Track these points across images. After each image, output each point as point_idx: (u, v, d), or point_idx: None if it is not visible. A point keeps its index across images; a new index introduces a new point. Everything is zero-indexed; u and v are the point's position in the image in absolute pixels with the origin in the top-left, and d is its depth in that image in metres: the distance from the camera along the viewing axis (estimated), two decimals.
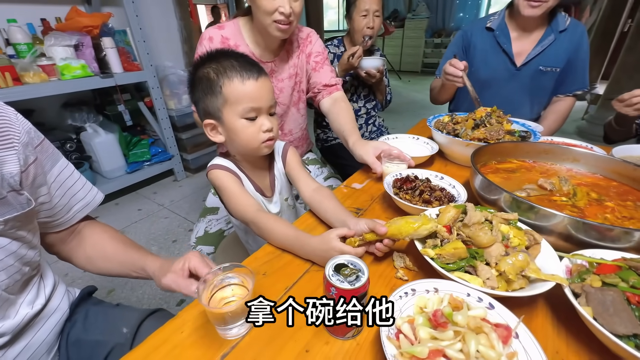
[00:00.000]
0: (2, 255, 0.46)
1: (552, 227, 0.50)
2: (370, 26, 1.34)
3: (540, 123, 1.28)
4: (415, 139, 1.00)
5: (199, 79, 0.63)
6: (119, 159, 2.17)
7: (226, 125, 0.64)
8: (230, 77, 0.60)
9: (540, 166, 0.76)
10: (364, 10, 1.32)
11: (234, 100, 0.61)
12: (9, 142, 0.46)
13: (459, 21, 6.52)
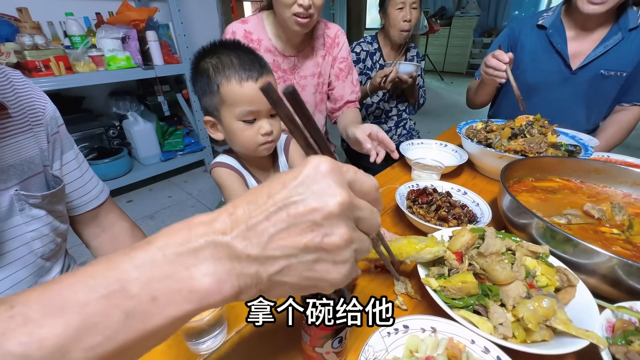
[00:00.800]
0: (38, 225, 0.50)
1: (595, 267, 0.41)
2: (408, 19, 1.25)
3: (598, 135, 1.12)
4: (443, 145, 0.91)
5: (200, 73, 0.59)
6: (154, 147, 2.28)
7: (225, 125, 0.61)
8: (228, 77, 0.56)
9: (590, 188, 0.64)
10: (400, 3, 1.24)
11: (231, 102, 0.57)
12: (38, 118, 0.50)
13: (514, 20, 6.02)
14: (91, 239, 0.64)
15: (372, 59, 1.38)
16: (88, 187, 0.61)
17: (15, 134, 0.48)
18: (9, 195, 0.46)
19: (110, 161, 2.00)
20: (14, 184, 0.47)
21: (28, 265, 0.50)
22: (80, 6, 2.01)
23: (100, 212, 0.64)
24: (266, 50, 0.99)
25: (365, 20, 5.24)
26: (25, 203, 0.48)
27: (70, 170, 0.58)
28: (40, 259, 0.52)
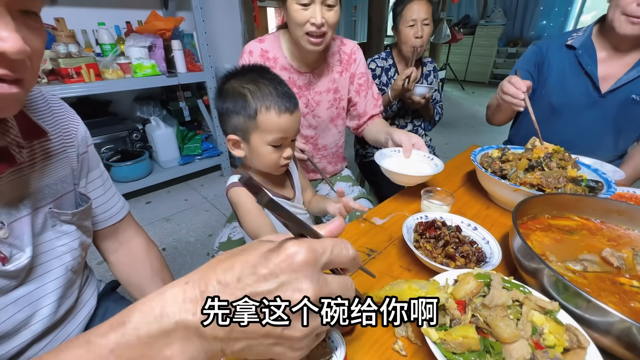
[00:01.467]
0: (68, 240, 0.54)
1: (609, 327, 0.39)
2: (419, 35, 1.25)
3: (626, 163, 1.06)
4: (422, 155, 0.87)
5: (233, 94, 0.63)
6: (174, 151, 2.36)
7: (251, 146, 0.65)
8: (268, 107, 0.61)
9: (610, 230, 0.61)
10: (410, 20, 1.24)
11: (266, 129, 0.62)
12: (71, 139, 0.54)
13: (541, 29, 5.83)
14: (110, 253, 0.67)
15: (387, 74, 1.38)
16: (110, 204, 0.64)
17: (51, 155, 0.51)
18: (44, 213, 0.50)
19: (133, 164, 2.09)
20: (48, 202, 0.51)
21: (59, 277, 0.53)
22: (112, 14, 2.12)
23: (120, 228, 0.67)
24: (282, 68, 1.00)
25: (386, 28, 5.22)
26: (57, 220, 0.52)
27: (95, 187, 0.61)
28: (70, 272, 0.55)
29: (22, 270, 0.47)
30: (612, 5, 0.90)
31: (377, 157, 0.82)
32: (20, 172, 0.46)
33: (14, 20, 0.31)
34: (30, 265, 0.48)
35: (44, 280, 0.51)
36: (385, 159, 0.85)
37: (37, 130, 0.48)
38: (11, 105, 0.36)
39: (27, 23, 0.33)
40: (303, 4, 0.81)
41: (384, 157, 0.85)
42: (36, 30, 0.35)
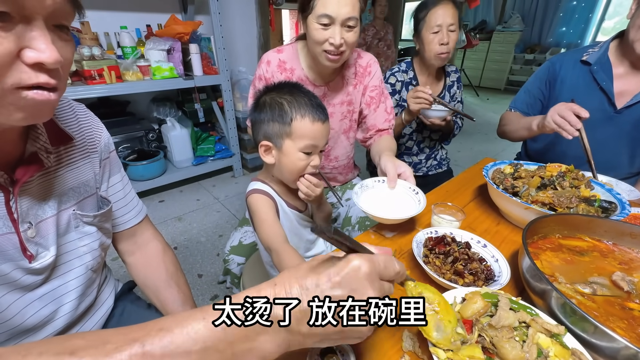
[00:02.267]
0: (90, 240, 0.57)
1: (615, 355, 0.39)
2: (445, 42, 1.15)
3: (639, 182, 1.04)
4: (409, 188, 0.80)
5: (271, 103, 0.68)
6: (188, 152, 2.41)
7: (283, 152, 0.69)
8: (303, 115, 0.66)
9: (622, 253, 0.60)
10: (435, 26, 1.14)
11: (300, 135, 0.66)
12: (95, 146, 0.58)
13: (560, 36, 5.70)
14: (127, 255, 0.71)
15: (407, 89, 1.31)
16: (129, 207, 0.68)
17: (76, 160, 0.55)
18: (68, 214, 0.54)
19: (148, 163, 2.15)
20: (72, 205, 0.54)
21: (80, 276, 0.57)
22: (133, 18, 2.19)
23: (137, 230, 0.70)
24: (298, 79, 1.02)
25: (401, 32, 5.21)
26: (80, 221, 0.55)
27: (115, 191, 0.65)
28: (90, 271, 0.58)
29: (46, 268, 0.51)
30: (634, 25, 0.89)
31: (357, 190, 0.77)
32: (47, 175, 0.50)
33: (50, 34, 0.34)
34: (54, 263, 0.52)
35: (66, 278, 0.55)
36: (365, 191, 0.80)
37: (64, 137, 0.52)
38: (47, 111, 0.39)
39: (60, 35, 0.37)
40: (324, 24, 0.82)
41: (364, 189, 0.80)
42: (67, 41, 0.38)
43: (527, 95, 1.20)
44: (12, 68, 0.33)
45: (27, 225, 0.47)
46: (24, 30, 0.33)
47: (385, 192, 0.81)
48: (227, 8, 2.48)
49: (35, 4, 0.32)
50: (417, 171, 1.45)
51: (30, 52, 0.33)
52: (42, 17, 0.33)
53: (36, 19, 0.33)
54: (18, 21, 0.32)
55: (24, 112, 0.36)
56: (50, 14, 0.34)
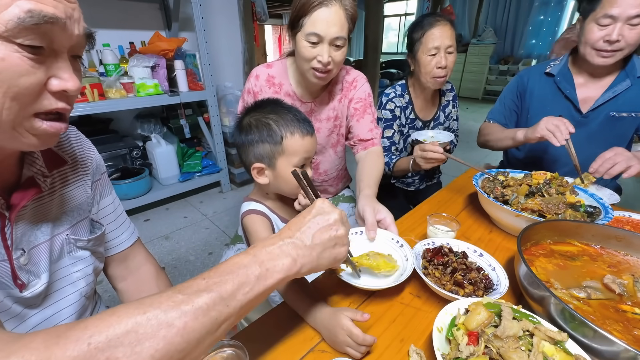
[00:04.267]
0: (83, 265, 0.55)
1: (615, 358, 0.41)
2: (442, 65, 1.08)
3: None
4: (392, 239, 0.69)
5: (257, 124, 0.67)
6: (174, 168, 2.37)
7: (277, 171, 0.68)
8: (293, 132, 0.66)
9: (610, 255, 0.63)
10: (433, 49, 1.07)
11: (292, 152, 0.67)
12: (87, 168, 0.56)
13: (530, 48, 6.05)
14: (118, 281, 0.67)
15: (404, 113, 1.25)
16: (121, 229, 0.65)
17: (70, 183, 0.53)
18: (61, 239, 0.52)
19: (132, 181, 2.09)
20: (65, 229, 0.52)
21: (73, 303, 0.54)
22: (116, 35, 2.17)
23: (130, 254, 0.68)
24: (286, 94, 1.04)
25: (381, 46, 5.37)
26: (73, 246, 0.53)
27: (107, 213, 0.62)
28: (84, 298, 0.56)
29: (37, 297, 0.48)
30: (582, 41, 0.98)
31: None
32: (41, 200, 0.48)
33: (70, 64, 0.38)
34: (46, 291, 0.49)
35: (59, 306, 0.52)
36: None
37: (58, 160, 0.51)
38: (56, 138, 0.42)
39: (74, 65, 0.39)
40: (312, 42, 0.84)
41: None
42: (79, 71, 0.41)
43: (503, 107, 1.27)
44: (39, 96, 0.36)
45: (20, 252, 0.45)
46: (52, 61, 0.36)
47: (365, 245, 0.69)
48: (212, 25, 2.50)
49: (64, 39, 0.36)
50: (408, 187, 1.43)
51: (55, 80, 0.36)
52: (67, 49, 0.37)
53: (62, 51, 0.37)
54: (48, 54, 0.35)
55: (37, 138, 0.38)
56: (73, 46, 0.38)
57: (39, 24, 0.33)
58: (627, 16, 0.85)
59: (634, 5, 0.84)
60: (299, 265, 0.41)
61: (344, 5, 0.83)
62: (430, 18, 1.10)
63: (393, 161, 1.20)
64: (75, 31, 0.37)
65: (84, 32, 0.39)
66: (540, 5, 5.73)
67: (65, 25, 0.35)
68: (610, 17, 0.87)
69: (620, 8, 0.85)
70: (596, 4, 0.90)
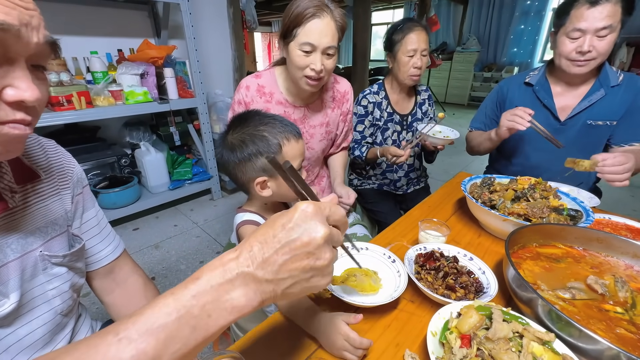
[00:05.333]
0: (59, 283, 0.53)
1: (600, 356, 0.43)
2: (418, 66, 1.24)
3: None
4: (383, 254, 0.71)
5: (252, 138, 0.66)
6: (164, 176, 2.34)
7: (280, 179, 0.68)
8: (288, 138, 0.68)
9: (593, 257, 0.66)
10: (411, 50, 1.22)
11: (291, 157, 0.68)
12: (67, 182, 0.55)
13: (512, 56, 6.26)
14: (105, 294, 0.66)
15: (379, 108, 1.38)
16: (106, 242, 0.64)
17: (45, 198, 0.52)
18: (34, 256, 0.49)
19: (121, 190, 2.05)
20: (39, 245, 0.50)
21: (47, 322, 0.52)
22: (104, 43, 2.15)
23: (116, 266, 0.66)
24: (277, 103, 1.06)
25: (370, 54, 5.47)
26: (48, 262, 0.51)
27: (90, 227, 0.61)
28: (59, 316, 0.54)
29: (6, 318, 0.46)
30: (556, 53, 1.04)
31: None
32: (11, 216, 0.46)
33: (30, 73, 0.36)
34: (18, 312, 0.47)
35: (33, 326, 0.50)
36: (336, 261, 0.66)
37: (30, 174, 0.49)
38: (20, 145, 0.39)
39: (36, 74, 0.38)
40: (306, 51, 0.87)
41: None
42: (43, 80, 0.39)
43: (484, 116, 1.33)
44: None
45: None
46: (6, 70, 0.34)
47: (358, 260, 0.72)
48: (202, 33, 2.50)
49: (20, 48, 0.34)
50: (397, 190, 1.51)
51: (11, 90, 0.34)
52: (24, 58, 0.35)
53: (19, 60, 0.34)
54: (2, 63, 0.33)
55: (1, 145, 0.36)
56: (31, 55, 0.36)
57: None
58: (594, 29, 0.91)
59: (599, 18, 0.89)
60: (256, 303, 0.31)
61: (335, 17, 0.87)
62: (410, 23, 1.24)
63: (364, 153, 1.35)
64: (34, 39, 0.35)
65: (44, 40, 0.36)
66: (520, 15, 5.95)
67: (20, 33, 0.33)
68: (579, 30, 0.93)
69: (587, 22, 0.91)
70: (565, 18, 0.95)
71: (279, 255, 0.31)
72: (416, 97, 1.43)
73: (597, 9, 0.89)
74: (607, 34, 0.91)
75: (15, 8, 0.32)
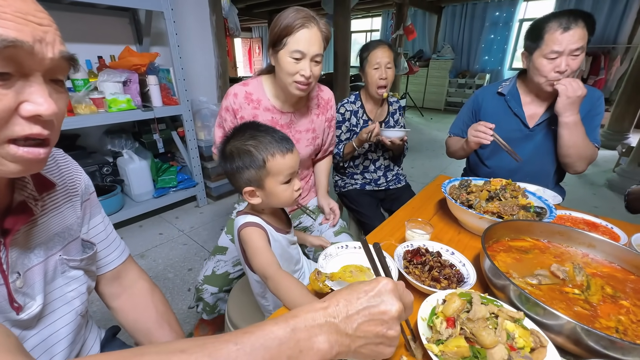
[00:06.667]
0: (77, 285, 0.56)
1: (560, 329, 0.50)
2: (383, 77, 1.40)
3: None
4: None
5: (238, 152, 0.71)
6: (148, 184, 2.31)
7: (267, 190, 0.73)
8: (273, 154, 0.70)
9: (555, 248, 0.75)
10: (375, 64, 1.39)
11: (276, 172, 0.71)
12: (76, 189, 0.57)
13: (484, 64, 6.62)
14: (113, 299, 0.68)
15: (356, 116, 1.51)
16: (113, 247, 0.67)
17: (59, 205, 0.55)
18: (55, 260, 0.53)
19: (103, 199, 2.01)
20: (58, 250, 0.53)
21: (70, 323, 0.55)
22: (83, 49, 2.11)
23: (122, 271, 0.69)
24: (265, 109, 1.11)
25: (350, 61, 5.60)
26: (66, 266, 0.55)
27: (98, 232, 0.64)
28: (79, 316, 0.57)
29: (33, 319, 0.49)
30: (534, 73, 1.14)
31: (321, 262, 0.74)
32: (34, 223, 0.50)
33: (47, 87, 0.37)
34: (42, 313, 0.50)
35: (56, 327, 0.53)
36: (330, 260, 0.76)
37: (47, 183, 0.52)
38: (41, 165, 0.41)
39: (55, 88, 0.39)
40: (296, 58, 0.93)
41: (329, 259, 0.77)
42: (61, 94, 0.40)
43: (461, 123, 1.44)
44: (9, 122, 0.34)
45: (16, 276, 0.46)
46: (22, 85, 0.34)
47: (351, 258, 0.77)
48: (185, 40, 2.51)
49: (34, 63, 0.34)
50: (379, 186, 1.62)
51: (28, 105, 0.35)
52: (40, 73, 0.36)
53: (34, 74, 0.35)
54: (18, 78, 0.34)
55: (19, 165, 0.37)
56: (48, 70, 0.36)
57: (1, 49, 0.31)
58: (570, 50, 1.02)
59: (572, 41, 1.01)
60: (334, 352, 0.36)
61: (320, 27, 0.95)
62: (375, 42, 1.42)
63: (341, 149, 1.50)
64: (49, 54, 0.35)
65: (60, 55, 0.37)
66: (490, 25, 6.32)
67: (34, 49, 0.34)
68: (556, 52, 1.04)
69: (562, 45, 1.02)
70: (540, 42, 1.06)
71: (359, 316, 0.37)
72: (388, 107, 1.58)
73: (570, 33, 1.01)
74: (579, 53, 1.04)
75: (28, 24, 0.33)
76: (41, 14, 0.36)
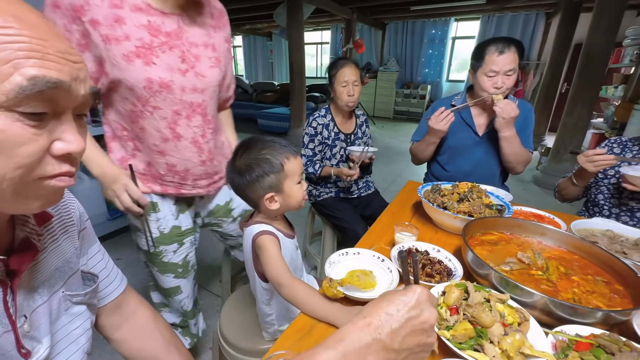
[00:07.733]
0: (81, 321, 0.53)
1: (534, 304, 0.62)
2: (351, 94, 1.49)
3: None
4: (377, 258, 0.82)
5: (257, 162, 0.75)
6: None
7: (285, 192, 0.78)
8: (288, 157, 0.76)
9: (516, 238, 0.90)
10: (343, 82, 1.48)
11: (292, 172, 0.77)
12: (71, 218, 0.54)
13: (425, 76, 7.29)
14: (113, 331, 0.64)
15: (327, 129, 1.59)
16: (112, 276, 0.64)
17: (57, 237, 0.52)
18: (58, 297, 0.50)
19: None
20: (60, 286, 0.50)
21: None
22: None
23: (123, 300, 0.65)
24: (134, 8, 0.75)
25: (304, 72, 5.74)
26: (69, 302, 0.52)
27: (96, 262, 0.61)
28: (86, 355, 0.54)
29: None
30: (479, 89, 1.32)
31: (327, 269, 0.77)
32: (36, 260, 0.46)
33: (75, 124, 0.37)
34: (50, 355, 0.47)
35: None
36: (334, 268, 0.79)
37: (45, 215, 0.49)
38: (60, 197, 0.39)
39: (79, 123, 0.38)
40: None
41: (333, 266, 0.79)
42: (84, 128, 0.40)
43: (423, 131, 1.59)
44: (41, 162, 0.34)
45: (23, 319, 0.43)
46: (55, 124, 0.34)
47: (353, 263, 0.82)
48: None
49: (69, 101, 0.35)
50: (352, 194, 1.74)
51: (59, 143, 0.35)
52: (71, 110, 0.36)
53: (66, 112, 0.35)
54: (52, 117, 0.34)
55: (42, 199, 0.36)
56: (76, 106, 0.36)
57: (43, 91, 0.31)
58: (504, 70, 1.22)
59: (506, 63, 1.21)
60: None
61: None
62: (342, 61, 1.51)
63: (318, 171, 1.57)
64: (81, 91, 0.36)
65: (90, 91, 0.37)
66: (428, 42, 7.00)
67: (70, 88, 0.34)
68: (493, 71, 1.23)
69: (498, 66, 1.22)
70: (482, 62, 1.26)
71: (403, 329, 0.37)
72: (356, 120, 1.70)
73: (504, 56, 1.21)
74: (512, 73, 1.24)
75: (67, 64, 0.33)
76: (74, 51, 0.36)
